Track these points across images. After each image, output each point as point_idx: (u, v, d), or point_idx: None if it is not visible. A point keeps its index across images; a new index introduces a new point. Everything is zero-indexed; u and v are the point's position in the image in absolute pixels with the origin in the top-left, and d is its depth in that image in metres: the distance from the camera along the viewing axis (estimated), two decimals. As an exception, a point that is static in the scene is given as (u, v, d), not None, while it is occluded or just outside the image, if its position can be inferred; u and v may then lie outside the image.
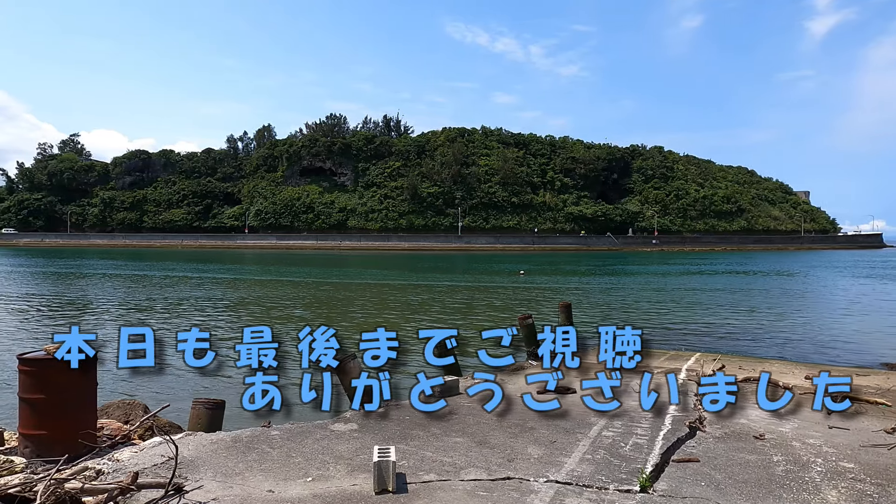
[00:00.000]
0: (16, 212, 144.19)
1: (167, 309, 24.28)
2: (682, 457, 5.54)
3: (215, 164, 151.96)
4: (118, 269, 53.57)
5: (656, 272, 51.83)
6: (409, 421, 6.62)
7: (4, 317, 22.06)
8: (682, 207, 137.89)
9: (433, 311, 23.40)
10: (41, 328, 19.21)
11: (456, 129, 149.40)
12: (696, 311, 23.93)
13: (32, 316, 22.56)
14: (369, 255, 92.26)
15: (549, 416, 6.64)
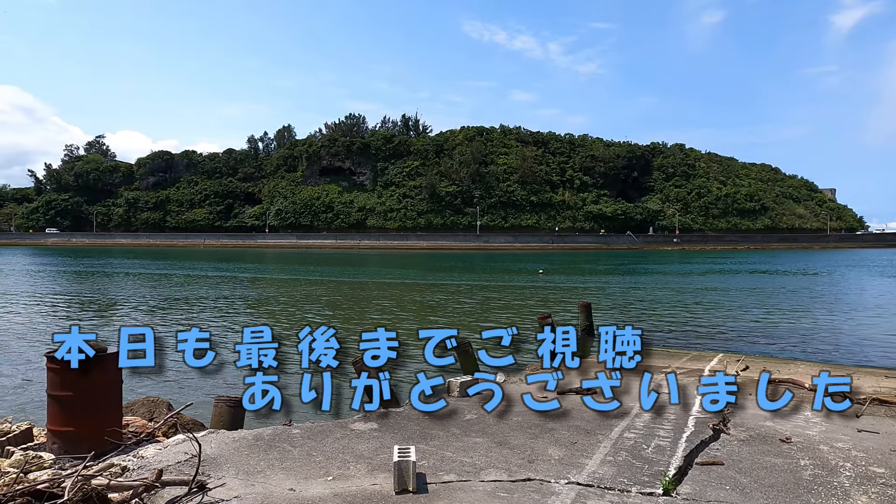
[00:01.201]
0: (44, 212, 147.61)
1: (186, 308, 24.62)
2: (705, 459, 5.45)
3: (236, 165, 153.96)
4: (141, 268, 54.53)
5: (678, 271, 51.21)
6: (429, 421, 6.61)
7: (32, 315, 22.58)
8: (703, 205, 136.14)
9: (450, 311, 23.40)
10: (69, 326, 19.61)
11: (474, 127, 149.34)
12: (718, 311, 23.59)
13: (60, 314, 23.04)
14: (388, 255, 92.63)
15: (569, 416, 6.59)
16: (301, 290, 32.96)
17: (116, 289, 33.85)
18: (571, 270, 52.58)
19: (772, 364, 11.66)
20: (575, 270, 52.58)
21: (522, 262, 66.80)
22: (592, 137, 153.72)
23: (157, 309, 24.39)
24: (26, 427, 6.55)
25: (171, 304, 25.78)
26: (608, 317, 21.62)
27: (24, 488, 3.79)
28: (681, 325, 20.14)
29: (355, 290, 33.29)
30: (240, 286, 35.14)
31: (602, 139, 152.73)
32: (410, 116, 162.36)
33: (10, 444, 6.06)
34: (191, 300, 27.38)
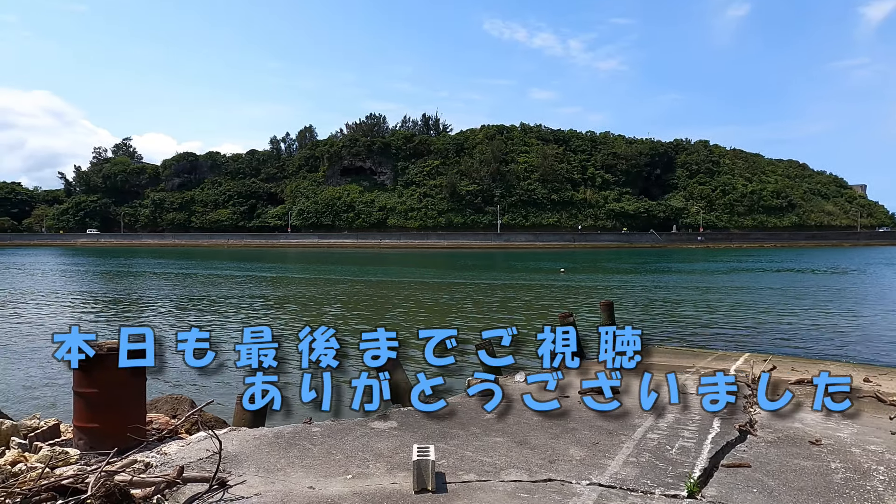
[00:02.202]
0: (73, 213, 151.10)
1: (206, 307, 24.95)
2: (732, 461, 5.33)
3: (259, 165, 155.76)
4: (166, 268, 55.49)
5: (702, 270, 50.42)
6: (449, 420, 6.57)
7: (62, 313, 23.09)
8: (728, 203, 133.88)
9: (469, 310, 23.33)
10: (97, 324, 20.02)
11: (494, 126, 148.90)
12: (744, 310, 23.13)
13: (88, 312, 23.54)
14: (408, 254, 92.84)
15: (590, 416, 6.49)
16: (320, 289, 33.20)
17: (141, 288, 34.47)
18: (593, 269, 52.10)
19: (800, 364, 11.38)
20: (597, 269, 52.09)
21: (543, 260, 66.40)
22: (614, 135, 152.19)
23: (177, 308, 24.76)
24: (54, 423, 6.69)
25: (192, 304, 26.16)
26: (631, 315, 21.35)
27: (49, 483, 3.85)
28: (706, 324, 19.79)
29: (374, 289, 33.41)
30: (261, 286, 35.54)
31: (624, 136, 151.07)
32: (431, 116, 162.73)
33: (38, 439, 6.19)
34: (213, 299, 27.75)
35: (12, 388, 10.38)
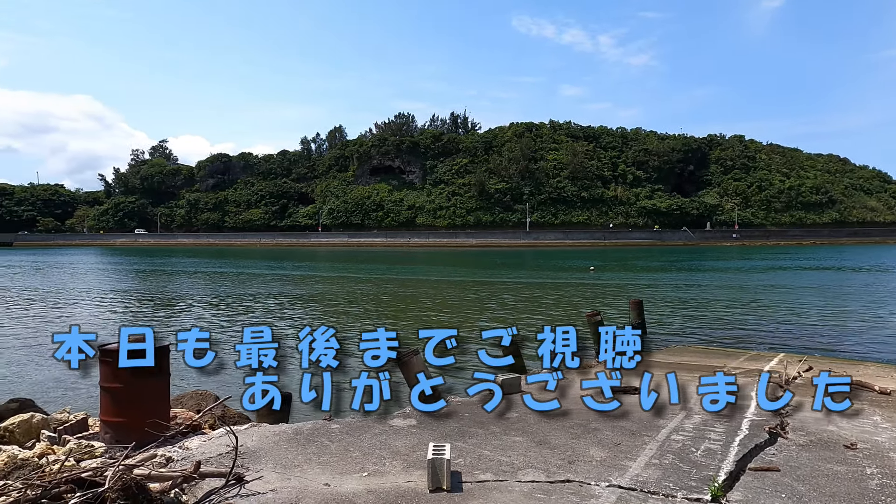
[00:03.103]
0: (112, 214, 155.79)
1: (234, 305, 25.37)
2: (760, 465, 5.13)
3: (290, 165, 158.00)
4: (199, 266, 56.74)
5: (736, 268, 49.17)
6: (468, 418, 6.51)
7: (94, 310, 23.79)
8: (765, 199, 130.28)
9: (495, 309, 23.20)
10: (126, 321, 20.57)
11: (523, 123, 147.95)
12: (780, 310, 22.44)
13: (118, 309, 24.20)
14: (437, 252, 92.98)
15: (613, 416, 6.34)
16: (347, 287, 33.46)
17: (175, 287, 35.30)
18: (623, 267, 51.31)
19: (838, 365, 10.97)
20: (627, 267, 51.28)
21: (573, 259, 65.70)
22: (646, 131, 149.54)
23: (207, 306, 25.25)
24: (82, 417, 6.85)
25: (221, 302, 26.64)
26: (661, 315, 20.93)
27: (69, 476, 3.92)
28: (740, 323, 19.26)
29: (401, 287, 33.52)
30: (289, 284, 36.00)
31: (656, 132, 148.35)
32: (459, 114, 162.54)
33: (66, 432, 6.35)
34: (241, 297, 28.23)
35: (47, 382, 10.72)
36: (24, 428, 6.34)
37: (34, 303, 26.46)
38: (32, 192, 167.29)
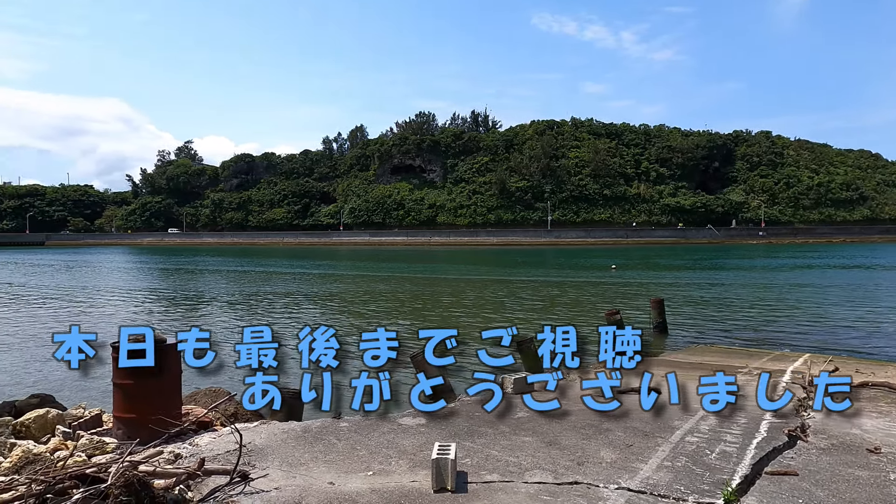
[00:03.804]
0: (140, 214, 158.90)
1: (254, 303, 25.62)
2: (777, 469, 4.96)
3: (312, 165, 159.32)
4: (223, 265, 57.55)
5: (763, 266, 48.17)
6: (478, 417, 6.44)
7: (117, 307, 24.24)
8: (793, 196, 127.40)
9: (510, 308, 23.04)
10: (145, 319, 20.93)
11: (544, 121, 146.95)
12: (808, 309, 21.88)
13: (140, 307, 24.62)
14: (458, 251, 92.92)
15: (627, 417, 6.21)
16: (366, 285, 33.59)
17: (198, 285, 35.82)
18: (646, 266, 50.63)
19: (865, 366, 10.65)
20: (650, 266, 50.60)
21: (595, 257, 65.07)
22: (669, 127, 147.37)
23: (229, 304, 25.55)
24: (97, 413, 6.94)
25: (242, 300, 26.94)
26: (682, 313, 20.57)
27: (73, 472, 3.94)
28: (765, 323, 18.83)
29: (420, 285, 33.52)
30: (309, 282, 36.28)
31: (680, 129, 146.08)
32: (480, 112, 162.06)
33: (80, 428, 6.43)
34: (261, 295, 28.52)
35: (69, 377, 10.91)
36: (40, 423, 6.44)
37: (61, 300, 27.09)
38: (63, 193, 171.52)
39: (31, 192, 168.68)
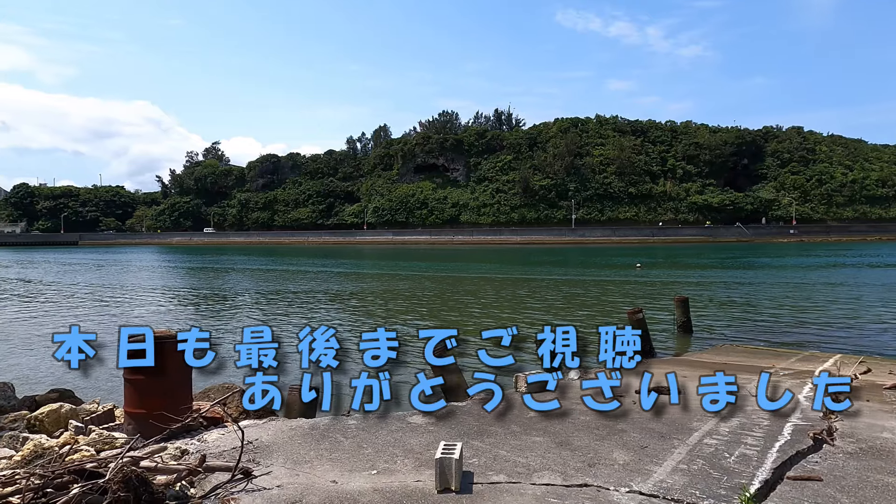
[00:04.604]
0: (169, 213, 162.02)
1: (275, 301, 25.81)
2: (800, 473, 4.72)
3: (336, 165, 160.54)
4: (248, 264, 58.30)
5: (794, 265, 46.92)
6: (489, 417, 6.29)
7: (143, 305, 24.66)
8: (825, 193, 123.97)
9: (528, 307, 22.77)
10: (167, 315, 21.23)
11: (568, 119, 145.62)
12: (840, 308, 21.18)
13: (164, 304, 25.01)
14: (480, 250, 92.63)
15: (643, 418, 6.00)
16: (387, 284, 33.62)
17: (223, 283, 36.30)
18: (671, 264, 49.75)
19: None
20: (675, 264, 49.70)
21: (619, 256, 64.20)
22: (696, 124, 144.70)
23: (251, 303, 25.79)
24: (109, 408, 6.99)
25: (264, 298, 27.17)
26: (708, 313, 20.09)
27: (72, 466, 3.92)
28: (794, 322, 18.26)
29: (440, 284, 33.42)
30: (330, 281, 36.46)
31: (707, 125, 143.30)
32: (503, 111, 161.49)
33: (93, 423, 6.47)
34: (283, 293, 28.74)
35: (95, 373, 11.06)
36: (53, 418, 6.50)
37: (90, 297, 27.69)
38: (96, 194, 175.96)
39: (66, 193, 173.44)
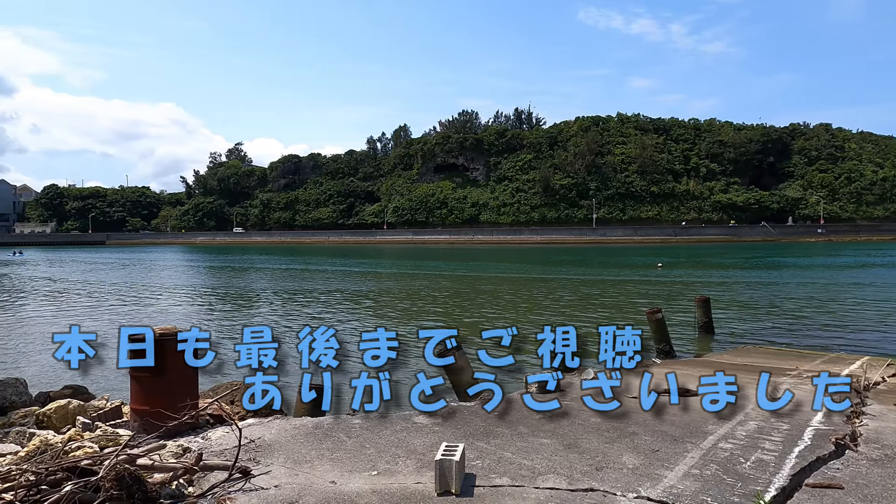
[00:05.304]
0: (193, 214, 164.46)
1: (292, 300, 25.93)
2: (819, 481, 4.49)
3: (357, 165, 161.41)
4: (268, 263, 58.86)
5: (821, 265, 45.78)
6: (495, 417, 6.14)
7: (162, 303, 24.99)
8: (855, 191, 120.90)
9: (549, 306, 22.53)
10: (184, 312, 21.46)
11: (589, 117, 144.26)
12: (869, 309, 20.55)
13: (181, 303, 25.30)
14: (501, 249, 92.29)
15: (656, 420, 5.80)
16: (405, 283, 33.60)
17: (240, 282, 36.65)
18: (694, 264, 48.93)
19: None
20: (698, 264, 48.86)
21: (641, 255, 63.38)
22: (720, 121, 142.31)
23: (265, 300, 25.96)
24: (117, 404, 7.00)
25: (282, 298, 27.33)
26: (731, 313, 19.64)
27: (66, 463, 3.89)
28: (821, 323, 17.76)
29: (457, 283, 33.30)
30: (348, 280, 36.58)
31: (732, 123, 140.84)
32: (523, 110, 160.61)
33: (99, 419, 6.48)
34: (301, 292, 28.88)
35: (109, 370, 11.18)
36: (61, 414, 6.53)
37: (112, 295, 28.17)
38: (122, 195, 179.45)
39: (94, 193, 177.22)
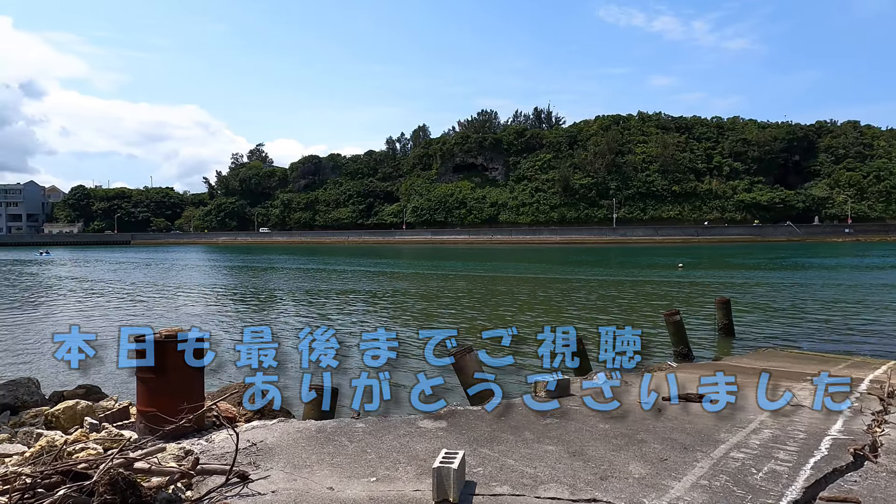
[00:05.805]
0: (215, 214, 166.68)
1: (307, 300, 26.03)
2: (834, 494, 4.30)
3: (376, 165, 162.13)
4: (288, 263, 59.31)
5: (849, 265, 44.67)
6: (503, 422, 6.02)
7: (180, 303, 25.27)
8: (884, 190, 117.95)
9: (566, 307, 22.28)
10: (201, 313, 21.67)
11: (610, 116, 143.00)
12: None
13: (198, 302, 25.56)
14: (520, 249, 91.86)
15: (667, 428, 5.63)
16: (422, 283, 33.55)
17: (259, 281, 36.97)
18: (716, 265, 48.12)
19: (959, 376, 9.40)
20: (720, 265, 48.04)
21: (662, 256, 62.54)
22: (744, 119, 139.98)
23: (282, 300, 26.10)
24: (125, 405, 7.03)
25: (300, 297, 27.46)
26: (752, 315, 19.22)
27: (61, 467, 3.88)
28: (846, 326, 17.29)
29: (475, 283, 33.17)
30: (365, 280, 36.65)
31: (755, 121, 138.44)
32: (542, 109, 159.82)
33: (107, 420, 6.51)
34: (318, 292, 29.01)
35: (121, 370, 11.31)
36: (69, 414, 6.57)
37: (134, 294, 28.60)
38: (147, 195, 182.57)
39: (119, 194, 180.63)
